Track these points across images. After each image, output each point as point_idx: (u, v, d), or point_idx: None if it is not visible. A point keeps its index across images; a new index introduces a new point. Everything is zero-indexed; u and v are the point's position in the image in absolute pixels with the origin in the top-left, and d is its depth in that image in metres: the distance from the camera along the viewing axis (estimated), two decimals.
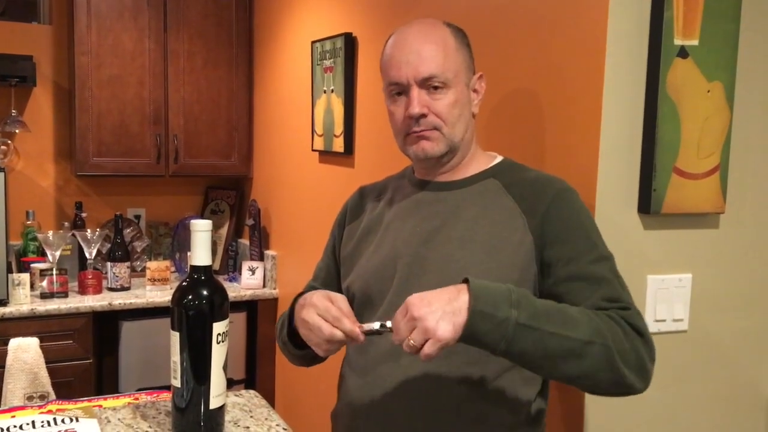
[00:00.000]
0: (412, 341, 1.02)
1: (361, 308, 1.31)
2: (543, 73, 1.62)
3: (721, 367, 1.61)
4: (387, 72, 1.30)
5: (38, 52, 3.36)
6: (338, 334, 1.12)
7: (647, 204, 1.47)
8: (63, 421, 1.25)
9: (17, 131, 3.29)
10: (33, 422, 1.24)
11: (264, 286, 3.39)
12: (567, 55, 1.54)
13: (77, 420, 1.25)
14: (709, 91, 1.48)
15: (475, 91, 1.32)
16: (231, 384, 3.29)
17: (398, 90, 1.28)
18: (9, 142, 3.31)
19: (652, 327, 1.52)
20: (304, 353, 1.31)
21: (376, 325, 1.11)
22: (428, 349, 1.02)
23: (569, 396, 1.54)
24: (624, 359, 1.09)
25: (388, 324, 1.09)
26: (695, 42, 1.46)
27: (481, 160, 1.33)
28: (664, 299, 1.53)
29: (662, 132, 1.46)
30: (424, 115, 1.25)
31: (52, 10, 3.42)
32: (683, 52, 1.45)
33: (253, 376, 3.44)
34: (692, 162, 1.49)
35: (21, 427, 1.22)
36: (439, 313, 1.02)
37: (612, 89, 1.45)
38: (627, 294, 1.20)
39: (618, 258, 1.48)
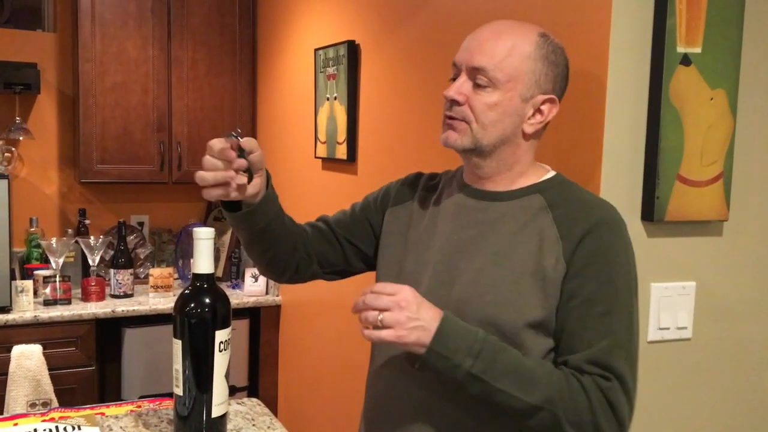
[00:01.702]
0: (380, 317, 1.07)
1: None
2: None
3: (726, 375, 1.60)
4: (457, 54, 1.25)
5: (42, 60, 3.38)
6: (211, 161, 1.18)
7: (650, 212, 1.47)
8: (65, 429, 1.25)
9: (21, 138, 3.30)
10: (35, 430, 1.24)
11: (267, 293, 3.38)
12: (570, 63, 1.54)
13: (79, 428, 1.25)
14: (712, 99, 1.48)
15: (539, 111, 1.22)
16: (233, 391, 3.28)
17: (455, 72, 1.23)
18: (13, 149, 3.32)
19: (656, 335, 1.52)
20: (246, 237, 1.31)
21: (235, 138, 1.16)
22: (385, 335, 1.07)
23: None
24: (578, 429, 1.09)
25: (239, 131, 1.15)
26: (698, 50, 1.46)
27: (531, 175, 1.27)
28: (668, 307, 1.52)
29: (665, 140, 1.45)
30: (457, 102, 1.20)
31: (56, 17, 3.44)
32: (686, 60, 1.45)
33: (255, 383, 3.43)
34: (695, 170, 1.49)
35: None
36: (420, 323, 1.08)
37: (615, 97, 1.45)
38: (625, 362, 1.13)
39: None
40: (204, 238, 1.18)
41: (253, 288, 3.35)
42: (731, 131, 1.51)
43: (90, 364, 3.01)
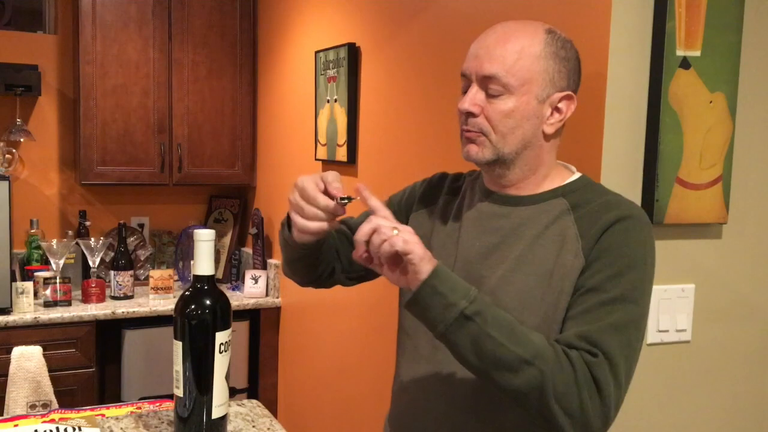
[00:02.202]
0: (395, 232, 1.04)
1: (413, 319, 1.28)
2: None
3: (725, 377, 1.61)
4: (464, 63, 1.21)
5: (43, 62, 3.38)
6: (313, 210, 1.14)
7: (650, 214, 1.47)
8: (66, 430, 1.25)
9: (22, 140, 3.31)
10: (36, 431, 1.25)
11: (267, 294, 3.39)
12: None
13: (80, 429, 1.25)
14: (711, 102, 1.49)
15: (557, 109, 1.19)
16: (233, 393, 3.29)
17: (466, 83, 1.19)
18: (14, 150, 3.32)
19: (655, 337, 1.53)
20: (302, 254, 1.28)
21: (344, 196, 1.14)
22: (397, 240, 1.04)
23: None
24: (560, 400, 1.03)
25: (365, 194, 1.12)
26: (697, 53, 1.47)
27: (555, 177, 1.23)
28: (667, 309, 1.53)
29: (665, 143, 1.46)
30: (473, 115, 1.17)
31: (57, 19, 3.45)
32: (685, 63, 1.46)
33: (255, 385, 3.43)
34: (695, 172, 1.49)
35: None
36: (421, 245, 1.05)
37: (614, 100, 1.45)
38: (618, 346, 1.07)
39: None
40: (204, 239, 1.18)
41: (253, 290, 3.36)
42: (730, 134, 1.51)
43: (90, 366, 3.02)
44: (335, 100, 2.67)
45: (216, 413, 1.19)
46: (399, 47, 2.29)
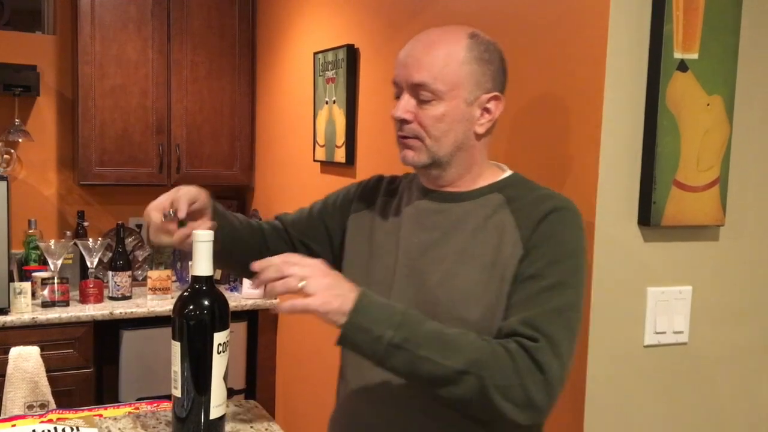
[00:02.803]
0: (302, 284, 1.07)
1: None
2: (543, 86, 1.63)
3: (722, 379, 1.61)
4: (394, 71, 1.26)
5: (42, 62, 3.38)
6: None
7: (647, 216, 1.48)
8: (64, 430, 1.25)
9: (20, 140, 3.31)
10: (33, 431, 1.25)
11: (265, 295, 3.38)
12: (567, 68, 1.55)
13: (78, 429, 1.25)
14: (708, 105, 1.49)
15: (486, 110, 1.24)
16: (231, 393, 3.29)
17: (398, 91, 1.25)
18: (12, 151, 3.32)
19: (653, 339, 1.53)
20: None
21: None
22: (310, 302, 1.06)
23: (568, 407, 1.54)
24: (504, 394, 1.07)
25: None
26: (695, 55, 1.47)
27: (489, 175, 1.29)
28: (665, 311, 1.53)
29: (662, 145, 1.46)
30: (406, 121, 1.22)
31: (56, 20, 3.45)
32: (683, 66, 1.46)
33: (253, 386, 3.43)
34: (692, 175, 1.50)
35: None
36: (341, 292, 1.08)
37: (612, 102, 1.46)
38: (560, 328, 1.12)
39: (618, 270, 1.49)
40: (203, 240, 1.18)
41: (251, 291, 3.35)
42: (727, 137, 1.52)
43: (88, 366, 3.01)
44: (334, 102, 2.68)
45: (214, 414, 1.19)
46: (397, 48, 2.28)
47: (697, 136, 1.49)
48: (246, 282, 3.38)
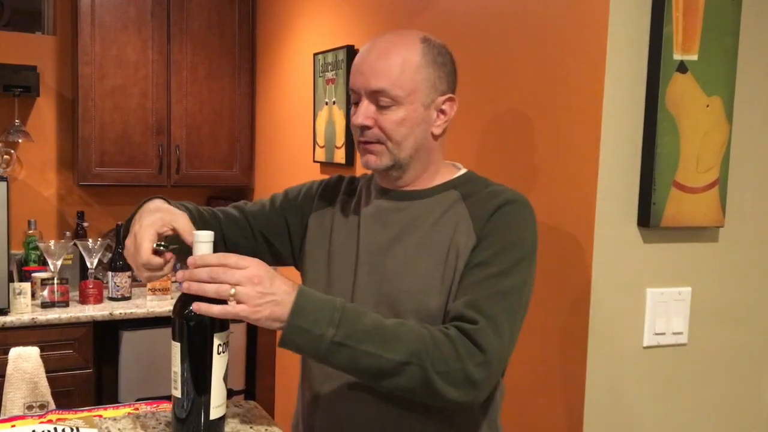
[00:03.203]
0: (232, 291, 1.08)
1: None
2: (543, 87, 1.63)
3: (721, 380, 1.61)
4: (350, 78, 1.29)
5: (42, 63, 3.38)
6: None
7: (647, 218, 1.48)
8: (63, 431, 1.25)
9: (20, 141, 3.31)
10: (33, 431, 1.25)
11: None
12: (567, 70, 1.56)
13: (78, 430, 1.25)
14: (708, 106, 1.49)
15: (441, 111, 1.27)
16: (230, 394, 3.28)
17: (356, 98, 1.27)
18: (12, 151, 3.32)
19: (652, 340, 1.53)
20: None
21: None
22: (240, 310, 1.08)
23: (568, 409, 1.54)
24: (446, 379, 1.10)
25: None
26: (694, 57, 1.47)
27: (444, 173, 1.32)
28: (664, 312, 1.53)
29: (662, 146, 1.47)
30: (368, 127, 1.24)
31: (56, 20, 3.45)
32: (682, 67, 1.46)
33: (252, 386, 3.43)
34: (692, 176, 1.50)
35: None
36: (275, 298, 1.08)
37: (612, 103, 1.46)
38: (503, 311, 1.16)
39: (617, 271, 1.49)
40: (203, 241, 1.18)
41: None
42: (727, 138, 1.52)
43: (87, 367, 3.01)
44: (334, 102, 2.68)
45: (214, 414, 1.19)
46: None
47: (697, 138, 1.49)
48: None
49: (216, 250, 1.36)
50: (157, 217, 1.20)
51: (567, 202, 1.55)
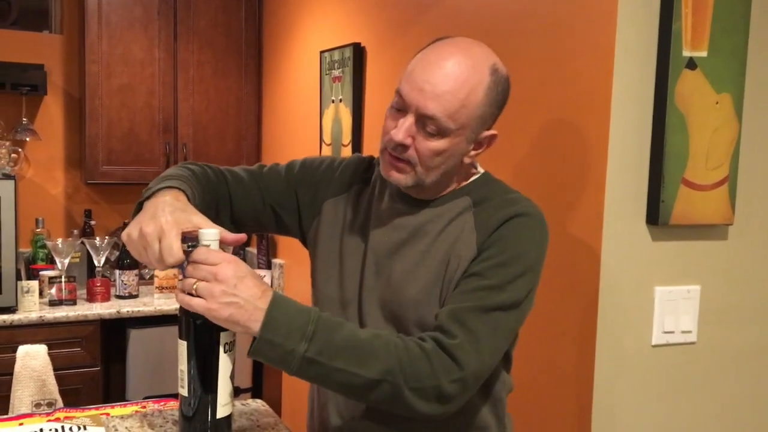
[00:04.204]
0: (195, 286, 1.05)
1: (329, 306, 1.30)
2: (550, 84, 1.62)
3: (731, 379, 1.60)
4: (404, 79, 1.18)
5: (49, 61, 3.39)
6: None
7: (655, 215, 1.47)
8: (71, 429, 1.25)
9: (28, 139, 3.31)
10: (41, 430, 1.25)
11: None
12: (575, 66, 1.55)
13: (85, 428, 1.25)
14: (717, 103, 1.48)
15: (479, 144, 1.21)
16: (238, 392, 3.29)
17: (401, 105, 1.18)
18: (20, 150, 3.33)
19: (660, 339, 1.52)
20: None
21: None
22: (195, 304, 1.06)
23: (576, 407, 1.53)
24: (419, 394, 1.08)
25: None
26: (704, 53, 1.46)
27: (461, 177, 1.27)
28: (672, 311, 1.52)
29: (671, 143, 1.46)
30: (404, 146, 1.17)
31: (63, 19, 3.45)
32: (692, 64, 1.45)
33: (260, 385, 3.44)
34: (701, 173, 1.49)
35: None
36: (236, 300, 1.05)
37: (620, 100, 1.45)
38: (483, 326, 1.11)
39: (626, 269, 1.48)
40: (209, 239, 1.17)
41: None
42: (736, 135, 1.51)
43: (95, 365, 3.02)
44: (340, 100, 2.67)
45: (221, 413, 1.19)
46: (404, 47, 2.29)
47: (706, 135, 1.48)
48: None
49: (223, 212, 1.34)
50: (184, 218, 1.13)
51: (575, 199, 1.55)
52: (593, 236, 1.49)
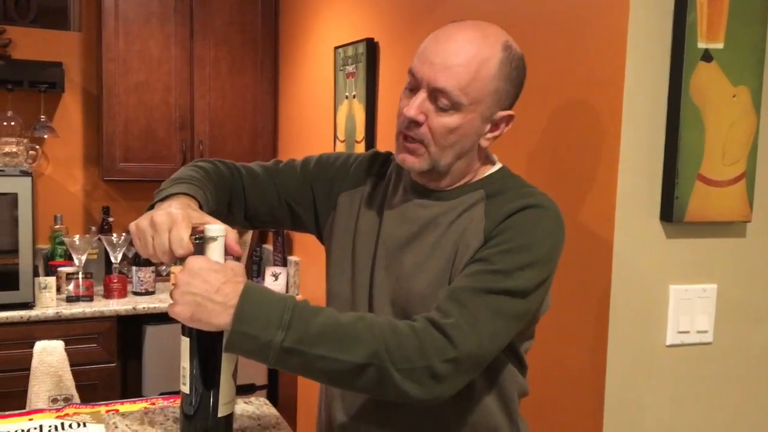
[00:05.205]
0: (171, 289, 1.05)
1: (339, 302, 1.29)
2: (560, 77, 1.59)
3: (748, 381, 1.56)
4: (416, 58, 1.17)
5: (68, 59, 3.42)
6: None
7: (669, 212, 1.43)
8: (70, 426, 1.25)
9: (46, 137, 3.34)
10: (41, 426, 1.25)
11: (287, 291, 3.38)
12: (586, 58, 1.51)
13: (84, 425, 1.25)
14: (734, 96, 1.44)
15: (495, 125, 1.18)
16: (253, 389, 3.29)
17: (413, 84, 1.17)
18: (38, 147, 3.36)
19: (675, 339, 1.48)
20: None
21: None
22: (169, 310, 1.05)
23: (586, 408, 1.50)
24: (410, 376, 1.02)
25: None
26: (720, 45, 1.42)
27: (477, 167, 1.24)
28: (687, 310, 1.48)
29: (685, 138, 1.42)
30: (417, 123, 1.15)
31: (81, 17, 3.48)
32: (707, 56, 1.41)
33: (275, 382, 3.44)
34: (717, 169, 1.45)
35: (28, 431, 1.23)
36: (193, 299, 1.03)
37: (633, 94, 1.41)
38: (482, 307, 1.06)
39: (639, 267, 1.45)
40: (214, 236, 1.16)
41: (273, 287, 3.35)
42: (754, 129, 1.46)
43: (111, 361, 3.04)
44: (354, 96, 2.66)
45: (222, 411, 1.17)
46: (417, 42, 2.25)
47: (723, 129, 1.44)
48: (268, 278, 3.38)
49: (236, 208, 1.34)
50: (196, 215, 1.13)
51: (586, 196, 1.51)
52: (605, 234, 1.45)
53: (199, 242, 1.10)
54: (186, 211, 1.11)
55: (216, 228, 1.12)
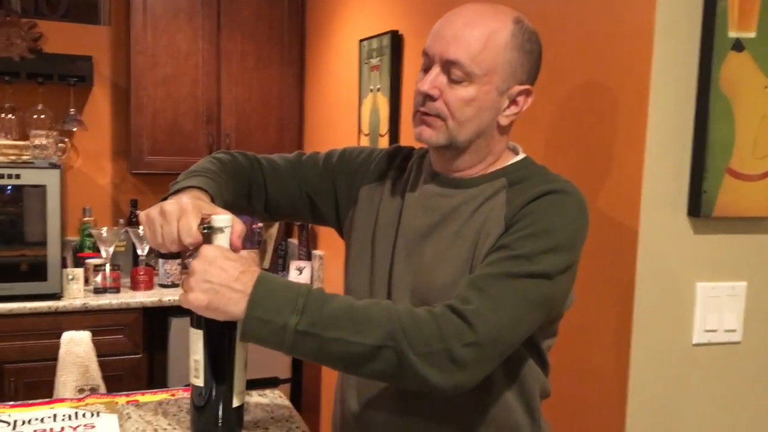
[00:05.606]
0: (182, 278, 1.05)
1: (357, 295, 1.27)
2: (585, 67, 1.55)
3: None
4: (428, 40, 1.18)
5: (97, 53, 3.45)
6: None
7: (697, 207, 1.39)
8: (84, 415, 1.25)
9: (75, 129, 3.38)
10: (55, 415, 1.25)
11: (311, 284, 3.38)
12: (612, 48, 1.47)
13: (98, 415, 1.25)
14: (766, 87, 1.39)
15: (514, 102, 1.17)
16: (276, 383, 3.30)
17: (427, 63, 1.17)
18: (67, 140, 3.40)
19: (702, 337, 1.44)
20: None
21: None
22: (180, 299, 1.06)
23: (609, 407, 1.46)
24: (428, 360, 0.99)
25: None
26: (752, 34, 1.37)
27: (501, 160, 1.22)
28: (715, 308, 1.44)
29: (714, 131, 1.37)
30: (431, 98, 1.14)
31: (111, 11, 3.51)
32: (738, 46, 1.36)
33: (299, 375, 3.44)
34: (747, 162, 1.40)
35: (42, 420, 1.23)
36: (210, 286, 1.03)
37: (660, 85, 1.37)
38: (506, 290, 1.04)
39: (665, 264, 1.41)
40: (221, 225, 1.15)
41: (297, 280, 3.35)
42: None
43: (137, 352, 3.07)
44: (378, 89, 2.64)
45: (234, 403, 1.17)
46: None
47: (754, 121, 1.39)
48: (293, 272, 3.38)
49: (256, 199, 1.35)
50: (206, 206, 1.13)
51: (611, 189, 1.47)
52: (630, 230, 1.41)
53: (207, 232, 1.10)
54: (196, 201, 1.11)
55: (223, 218, 1.11)
